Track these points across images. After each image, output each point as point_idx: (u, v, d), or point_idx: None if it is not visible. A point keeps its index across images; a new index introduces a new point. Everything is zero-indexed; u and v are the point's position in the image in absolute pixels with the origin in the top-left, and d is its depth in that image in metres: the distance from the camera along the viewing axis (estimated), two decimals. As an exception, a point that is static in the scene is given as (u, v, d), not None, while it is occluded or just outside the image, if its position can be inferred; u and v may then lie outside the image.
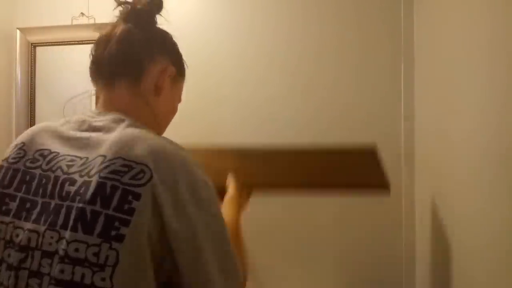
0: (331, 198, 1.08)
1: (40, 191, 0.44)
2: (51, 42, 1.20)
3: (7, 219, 0.44)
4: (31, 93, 1.21)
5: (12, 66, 1.24)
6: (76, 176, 0.43)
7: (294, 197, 1.09)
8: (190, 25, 1.16)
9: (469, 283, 0.75)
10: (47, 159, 0.46)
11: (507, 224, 0.61)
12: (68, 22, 1.21)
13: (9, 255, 0.42)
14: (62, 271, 0.39)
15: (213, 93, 1.14)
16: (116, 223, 0.39)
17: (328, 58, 1.09)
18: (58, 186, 0.43)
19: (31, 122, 1.21)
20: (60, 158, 0.45)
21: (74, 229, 0.40)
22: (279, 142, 1.10)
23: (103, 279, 0.38)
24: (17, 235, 0.43)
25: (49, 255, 0.40)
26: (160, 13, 0.60)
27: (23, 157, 0.48)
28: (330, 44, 1.09)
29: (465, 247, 0.76)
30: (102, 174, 0.41)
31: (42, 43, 1.21)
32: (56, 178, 0.44)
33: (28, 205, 0.44)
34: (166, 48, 0.62)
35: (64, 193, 0.42)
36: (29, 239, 0.42)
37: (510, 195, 0.61)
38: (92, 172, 0.42)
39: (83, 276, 0.38)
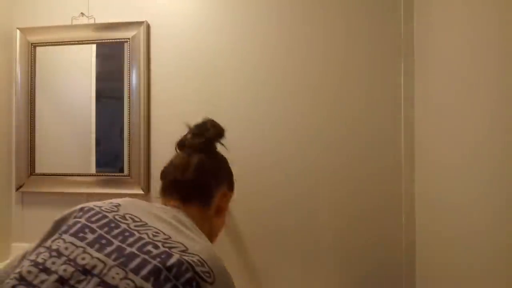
0: (331, 198, 1.08)
1: (120, 238, 0.52)
2: (51, 42, 1.20)
3: (79, 243, 0.50)
4: (31, 93, 1.21)
5: (12, 66, 1.24)
6: (159, 244, 0.51)
7: (294, 197, 1.10)
8: (191, 27, 1.16)
9: (469, 283, 0.75)
10: (136, 223, 0.55)
11: (508, 224, 0.61)
12: (68, 22, 1.21)
13: (64, 270, 0.46)
14: None
15: (215, 95, 1.14)
16: None
17: (328, 59, 1.09)
18: (141, 243, 0.51)
19: (31, 121, 1.21)
20: (148, 227, 0.55)
21: (145, 279, 0.46)
22: (280, 142, 1.11)
23: None
24: (83, 258, 0.48)
25: (108, 286, 0.45)
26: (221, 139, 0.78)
27: (115, 211, 0.57)
28: (329, 46, 1.09)
29: (465, 247, 0.76)
30: (184, 256, 0.50)
31: (42, 43, 1.21)
32: (141, 237, 0.52)
33: (104, 241, 0.51)
34: (227, 175, 0.79)
35: (145, 249, 0.50)
36: (94, 266, 0.47)
37: (511, 195, 0.61)
38: (174, 250, 0.51)
39: None
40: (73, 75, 1.21)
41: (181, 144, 0.77)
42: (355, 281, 1.07)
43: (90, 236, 0.51)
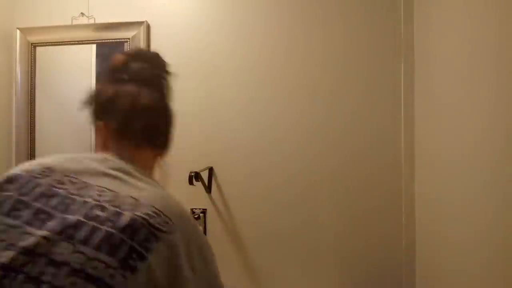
0: (330, 199, 1.08)
1: (61, 207, 0.46)
2: (51, 42, 1.20)
3: (15, 223, 0.44)
4: (31, 93, 1.21)
5: (12, 66, 1.24)
6: (106, 205, 0.46)
7: (293, 197, 1.10)
8: (191, 27, 1.16)
9: (469, 283, 0.75)
10: (76, 186, 0.49)
11: (508, 224, 0.61)
12: (68, 22, 1.21)
13: (6, 256, 0.41)
14: (74, 284, 0.40)
15: (214, 95, 1.14)
16: (134, 255, 0.43)
17: (327, 59, 1.09)
18: (86, 208, 0.46)
19: (31, 121, 1.21)
20: (89, 187, 0.49)
21: (97, 248, 0.42)
22: (278, 142, 1.11)
23: None
24: (24, 240, 0.42)
25: (57, 264, 0.41)
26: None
27: (48, 176, 0.49)
28: (329, 45, 1.09)
29: (465, 247, 0.76)
30: (136, 212, 0.46)
31: (42, 43, 1.21)
32: (85, 201, 0.47)
33: (43, 216, 0.45)
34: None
35: (91, 215, 0.45)
36: (37, 245, 0.42)
37: (511, 195, 0.61)
38: (125, 207, 0.47)
39: None
40: (73, 75, 1.21)
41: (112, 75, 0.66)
42: (355, 281, 1.07)
43: (26, 212, 0.45)
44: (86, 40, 1.19)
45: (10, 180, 0.49)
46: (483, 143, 0.69)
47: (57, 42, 1.20)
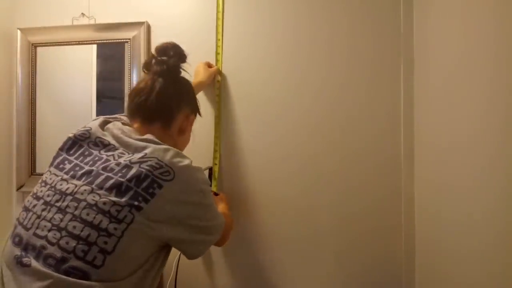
0: (330, 198, 1.08)
1: (91, 163, 0.65)
2: (52, 42, 1.21)
3: (59, 173, 0.66)
4: (31, 93, 1.21)
5: (13, 66, 1.24)
6: (121, 160, 0.64)
7: (293, 197, 1.10)
8: (191, 27, 1.16)
9: (469, 283, 0.75)
10: (105, 148, 0.68)
11: (507, 224, 0.62)
12: (69, 22, 1.21)
13: (48, 195, 0.63)
14: (87, 214, 0.58)
15: (215, 95, 1.14)
16: (140, 198, 0.60)
17: (328, 59, 1.09)
18: (106, 164, 0.64)
19: (32, 121, 1.21)
20: (114, 149, 0.67)
21: (108, 190, 0.60)
22: (279, 141, 1.11)
23: (115, 229, 0.58)
24: (61, 184, 0.63)
25: (78, 200, 0.60)
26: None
27: (88, 137, 0.70)
28: (330, 45, 1.09)
29: (465, 247, 0.76)
30: (141, 165, 0.62)
31: (43, 43, 1.21)
32: (107, 159, 0.65)
33: (77, 168, 0.65)
34: (189, 99, 0.84)
35: (109, 168, 0.63)
36: (68, 188, 0.62)
37: (510, 194, 0.61)
38: (134, 161, 0.63)
39: (101, 221, 0.58)
40: (73, 75, 1.21)
41: (146, 68, 0.81)
42: (354, 281, 1.07)
43: (68, 166, 0.66)
44: (86, 41, 1.19)
45: (65, 143, 0.72)
46: (483, 143, 0.69)
47: (58, 42, 1.20)
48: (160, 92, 0.75)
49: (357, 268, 1.07)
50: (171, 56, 0.79)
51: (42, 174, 1.24)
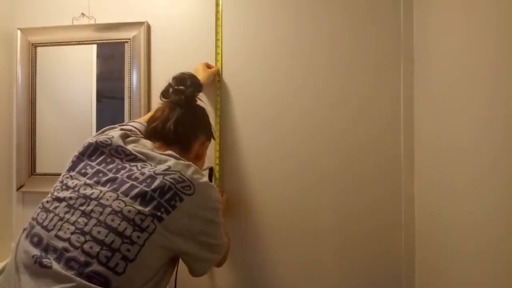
0: (330, 198, 1.09)
1: (114, 170, 0.67)
2: (52, 42, 1.21)
3: (83, 178, 0.67)
4: (31, 93, 1.21)
5: (13, 66, 1.24)
6: (145, 171, 0.66)
7: (293, 196, 1.10)
8: (191, 27, 1.16)
9: (469, 283, 0.75)
10: (127, 157, 0.70)
11: (507, 224, 0.62)
12: (69, 23, 1.21)
13: (70, 198, 0.63)
14: (112, 220, 0.59)
15: (215, 95, 1.14)
16: (162, 209, 0.62)
17: (329, 59, 1.09)
18: (130, 173, 0.65)
19: (32, 122, 1.21)
20: (137, 161, 0.69)
21: (133, 199, 0.62)
22: (279, 140, 1.11)
23: (138, 237, 0.59)
24: (85, 189, 0.64)
25: (103, 206, 0.61)
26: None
27: (109, 145, 0.71)
28: (331, 45, 1.09)
29: (465, 247, 0.76)
30: (165, 177, 0.65)
31: (42, 43, 1.21)
32: (131, 169, 0.67)
33: (100, 174, 0.67)
34: (205, 126, 0.88)
35: (133, 177, 0.65)
36: (92, 193, 0.63)
37: (510, 194, 0.61)
38: (158, 172, 0.65)
39: (125, 228, 0.59)
40: (73, 75, 1.21)
41: (164, 96, 0.84)
42: (354, 281, 1.07)
43: (90, 171, 0.68)
44: (86, 41, 1.19)
45: (86, 148, 0.72)
46: (483, 142, 0.69)
47: (58, 42, 1.20)
48: (177, 121, 0.79)
49: (357, 267, 1.07)
50: (188, 86, 0.83)
51: (42, 174, 1.27)
